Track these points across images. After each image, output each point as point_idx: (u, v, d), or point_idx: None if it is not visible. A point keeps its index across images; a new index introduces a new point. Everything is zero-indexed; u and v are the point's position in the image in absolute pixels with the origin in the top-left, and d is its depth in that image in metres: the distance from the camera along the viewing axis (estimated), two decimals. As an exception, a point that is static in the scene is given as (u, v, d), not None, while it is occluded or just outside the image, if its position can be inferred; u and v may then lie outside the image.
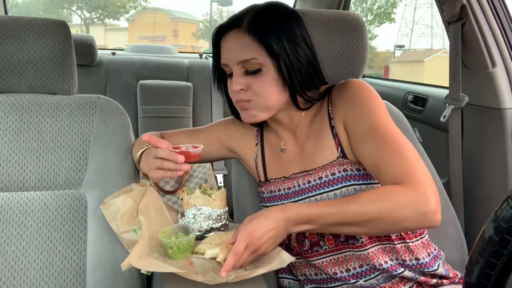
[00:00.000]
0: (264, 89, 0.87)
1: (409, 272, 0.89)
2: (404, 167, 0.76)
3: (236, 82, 0.87)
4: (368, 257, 0.88)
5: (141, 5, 23.69)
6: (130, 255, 0.76)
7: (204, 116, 2.26)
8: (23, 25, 0.99)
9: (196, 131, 1.07)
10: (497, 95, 1.26)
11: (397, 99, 1.95)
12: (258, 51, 0.85)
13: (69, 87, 1.03)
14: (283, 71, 0.86)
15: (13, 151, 0.97)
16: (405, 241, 0.90)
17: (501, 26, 1.27)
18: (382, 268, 0.88)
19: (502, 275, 0.46)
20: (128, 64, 2.32)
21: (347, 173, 0.87)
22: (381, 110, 0.86)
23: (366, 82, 0.91)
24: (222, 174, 2.16)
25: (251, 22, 0.86)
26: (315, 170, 0.91)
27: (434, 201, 0.73)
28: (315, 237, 0.93)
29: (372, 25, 21.00)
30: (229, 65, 0.88)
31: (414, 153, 0.79)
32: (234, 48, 0.87)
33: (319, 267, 0.93)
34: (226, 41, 0.89)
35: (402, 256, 0.89)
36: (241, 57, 0.85)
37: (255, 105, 0.88)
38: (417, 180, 0.74)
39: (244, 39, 0.86)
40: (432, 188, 0.74)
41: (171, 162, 0.83)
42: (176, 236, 0.84)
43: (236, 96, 0.89)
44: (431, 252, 0.94)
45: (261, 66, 0.86)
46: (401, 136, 0.82)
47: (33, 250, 0.92)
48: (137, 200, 0.92)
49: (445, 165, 1.40)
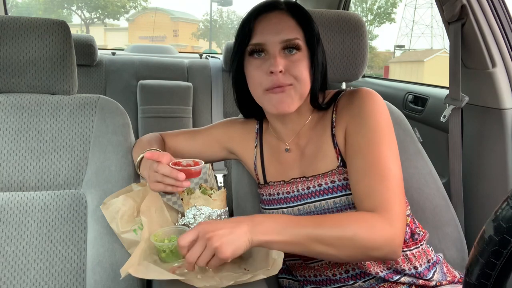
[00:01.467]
0: (303, 74, 0.86)
1: (406, 278, 0.89)
2: (384, 195, 0.78)
3: (277, 63, 0.83)
4: (364, 266, 0.88)
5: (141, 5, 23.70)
6: (129, 261, 0.76)
7: (204, 116, 2.26)
8: (23, 25, 0.99)
9: (196, 132, 1.07)
10: (497, 95, 1.26)
11: (397, 99, 1.95)
12: (299, 34, 0.87)
13: (69, 87, 1.03)
14: (315, 61, 0.87)
15: (13, 151, 0.97)
16: (403, 249, 0.89)
17: (501, 26, 1.27)
18: (379, 276, 0.89)
19: (502, 275, 0.46)
20: (128, 64, 2.32)
21: (347, 181, 0.87)
22: (384, 127, 0.85)
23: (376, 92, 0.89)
24: (222, 174, 2.16)
25: (292, 6, 0.89)
26: (315, 177, 0.90)
27: (402, 237, 0.77)
28: None
29: (372, 25, 21.00)
30: (266, 45, 0.85)
31: (398, 182, 0.80)
32: (276, 27, 0.85)
33: (318, 269, 0.93)
34: (266, 21, 0.87)
35: (401, 265, 0.89)
36: (284, 36, 0.85)
37: (294, 91, 0.86)
38: (394, 213, 0.76)
39: (288, 20, 0.87)
40: (404, 222, 0.78)
41: (172, 179, 0.82)
42: (169, 239, 0.83)
43: (275, 80, 0.84)
44: (431, 259, 0.93)
45: (301, 49, 0.86)
46: (393, 162, 0.82)
47: (33, 250, 0.92)
48: (137, 200, 0.92)
49: (445, 165, 1.40)
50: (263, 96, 0.87)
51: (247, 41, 0.87)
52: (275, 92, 0.85)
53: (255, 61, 0.87)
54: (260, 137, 1.01)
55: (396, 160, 0.83)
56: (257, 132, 1.02)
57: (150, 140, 1.00)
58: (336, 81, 1.21)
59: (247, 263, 0.80)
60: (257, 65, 0.87)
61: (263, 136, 1.01)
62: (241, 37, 0.88)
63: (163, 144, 1.02)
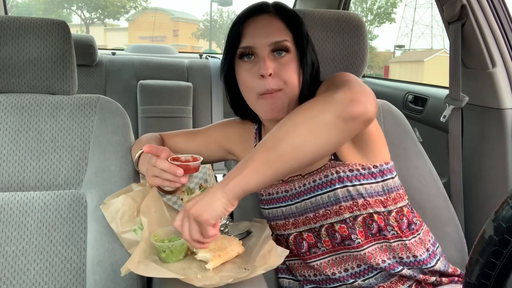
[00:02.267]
0: (292, 77, 0.86)
1: (408, 270, 0.89)
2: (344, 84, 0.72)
3: (266, 66, 0.84)
4: (365, 257, 0.88)
5: (141, 5, 23.71)
6: (129, 259, 0.76)
7: (204, 116, 2.26)
8: (23, 25, 0.99)
9: (195, 132, 1.07)
10: (497, 95, 1.26)
11: (397, 99, 1.95)
12: (288, 35, 0.87)
13: (69, 87, 1.03)
14: (304, 62, 0.88)
15: (13, 151, 0.97)
16: (402, 239, 0.90)
17: (501, 26, 1.27)
18: (380, 267, 0.88)
19: (502, 275, 0.46)
20: (128, 64, 2.32)
21: (339, 174, 0.87)
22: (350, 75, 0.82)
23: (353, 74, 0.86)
24: (222, 174, 2.16)
25: (280, 9, 0.90)
26: (310, 174, 0.91)
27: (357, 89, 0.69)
28: (312, 239, 0.93)
29: (372, 25, 21.01)
30: (255, 48, 0.86)
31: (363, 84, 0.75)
32: (265, 30, 0.86)
33: (318, 269, 0.93)
34: (255, 24, 0.88)
35: (399, 254, 0.89)
36: (273, 39, 0.86)
37: (284, 96, 0.86)
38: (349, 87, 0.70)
39: (276, 22, 0.88)
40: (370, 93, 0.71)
41: (170, 174, 0.82)
42: (169, 239, 0.83)
43: (265, 85, 0.85)
44: (429, 248, 0.94)
45: (290, 51, 0.87)
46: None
47: (33, 250, 0.92)
48: (137, 200, 0.92)
49: (445, 165, 1.40)
50: (255, 102, 0.89)
51: (237, 44, 0.88)
52: (266, 98, 0.86)
53: (245, 64, 0.88)
54: (259, 138, 1.01)
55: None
56: (255, 132, 1.02)
57: (149, 139, 1.01)
58: (336, 81, 1.20)
59: (247, 263, 0.80)
60: (247, 69, 0.88)
61: (262, 136, 1.01)
62: (230, 40, 0.90)
63: (162, 144, 1.03)
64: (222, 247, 0.81)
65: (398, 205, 0.91)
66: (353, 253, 0.89)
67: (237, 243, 0.84)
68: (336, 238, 0.90)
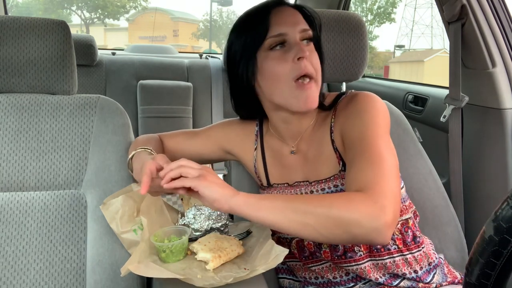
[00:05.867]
0: (319, 66, 0.86)
1: (406, 281, 0.89)
2: (372, 177, 0.71)
3: (303, 48, 0.82)
4: (364, 271, 0.88)
5: (141, 5, 23.72)
6: (129, 260, 0.76)
7: (204, 116, 2.25)
8: (23, 25, 0.99)
9: (194, 133, 1.06)
10: (497, 95, 1.26)
11: (397, 99, 1.95)
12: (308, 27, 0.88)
13: (69, 87, 1.03)
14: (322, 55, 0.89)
15: (13, 151, 0.97)
16: (403, 253, 0.89)
17: (501, 26, 1.27)
18: (378, 282, 0.88)
19: (502, 275, 0.46)
20: (128, 64, 2.31)
21: None
22: (379, 123, 0.81)
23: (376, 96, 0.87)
24: (222, 174, 2.16)
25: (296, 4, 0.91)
26: (318, 182, 0.90)
27: (390, 216, 0.67)
28: (312, 248, 0.92)
29: (372, 25, 21.01)
30: (288, 35, 0.84)
31: (391, 168, 0.73)
32: (292, 19, 0.86)
33: (319, 272, 0.93)
34: (280, 13, 0.86)
35: (401, 269, 0.89)
36: (302, 26, 0.85)
37: (316, 87, 0.85)
38: (380, 190, 0.68)
39: (297, 13, 0.88)
40: (394, 203, 0.68)
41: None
42: (169, 239, 0.83)
43: (301, 67, 0.82)
44: (432, 261, 0.93)
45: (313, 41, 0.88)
46: (387, 151, 0.76)
47: (33, 250, 0.92)
48: (137, 200, 0.92)
49: (445, 165, 1.40)
50: (291, 93, 0.84)
51: (263, 36, 0.84)
52: (304, 89, 0.83)
53: (274, 53, 0.84)
54: (261, 139, 1.00)
55: (390, 149, 0.78)
56: (256, 134, 1.01)
57: (149, 139, 0.99)
58: (336, 81, 1.21)
59: (247, 263, 0.80)
60: (278, 56, 0.84)
61: (264, 137, 1.00)
62: (253, 32, 0.86)
63: (160, 145, 1.01)
64: (222, 248, 0.81)
65: (403, 217, 0.91)
66: (353, 267, 0.88)
67: (237, 243, 0.84)
68: (338, 250, 0.88)
